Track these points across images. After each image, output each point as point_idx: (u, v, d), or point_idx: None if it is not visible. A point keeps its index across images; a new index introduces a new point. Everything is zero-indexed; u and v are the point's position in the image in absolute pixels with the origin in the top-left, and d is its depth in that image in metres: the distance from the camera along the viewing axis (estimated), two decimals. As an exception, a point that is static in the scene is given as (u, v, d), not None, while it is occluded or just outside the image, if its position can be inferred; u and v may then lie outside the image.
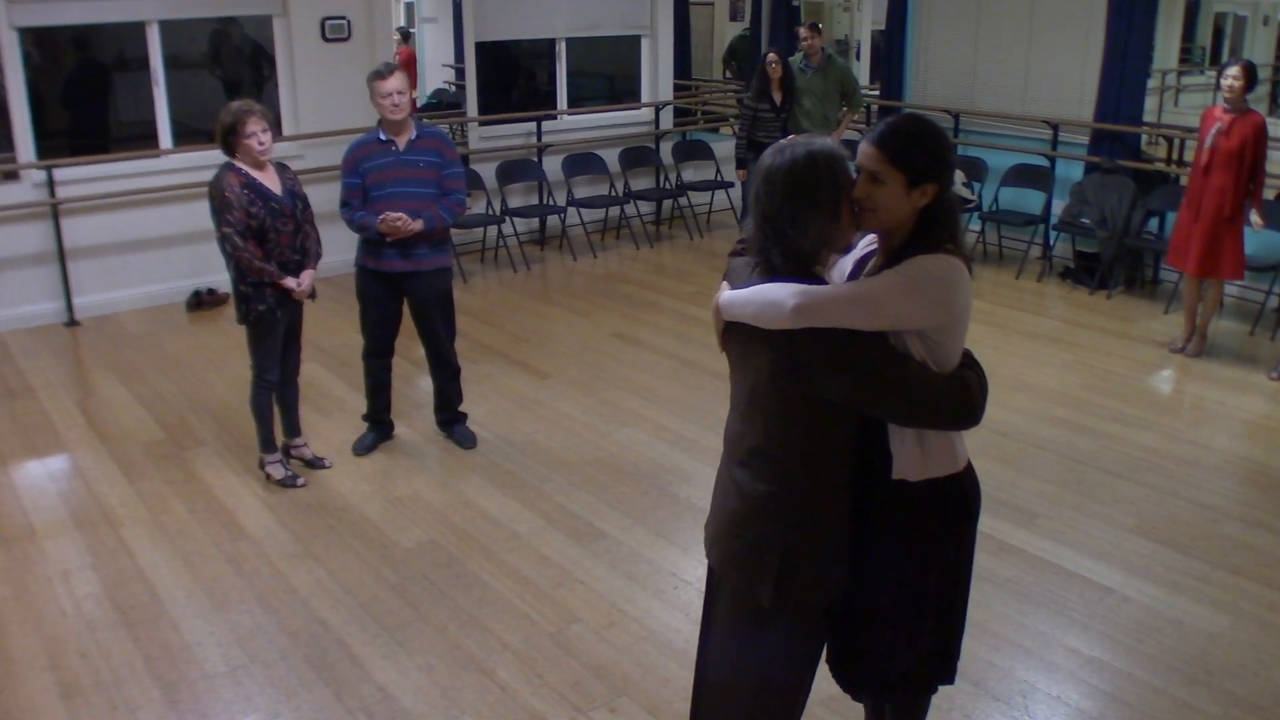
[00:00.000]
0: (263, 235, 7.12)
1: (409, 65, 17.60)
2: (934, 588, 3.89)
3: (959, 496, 3.88)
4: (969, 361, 3.76)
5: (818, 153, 3.57)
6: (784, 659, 3.93)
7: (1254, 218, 9.56)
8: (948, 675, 4.11)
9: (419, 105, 18.04)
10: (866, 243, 3.93)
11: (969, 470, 3.92)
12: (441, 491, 7.59)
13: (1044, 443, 8.22)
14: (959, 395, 3.61)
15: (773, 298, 3.54)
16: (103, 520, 7.22)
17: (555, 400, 9.11)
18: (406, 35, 17.77)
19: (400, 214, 7.44)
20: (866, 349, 3.53)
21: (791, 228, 3.57)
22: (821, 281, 3.67)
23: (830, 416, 3.66)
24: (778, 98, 12.75)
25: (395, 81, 7.43)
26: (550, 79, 14.86)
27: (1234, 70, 9.39)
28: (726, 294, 3.74)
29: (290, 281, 7.26)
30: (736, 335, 3.77)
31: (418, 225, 7.50)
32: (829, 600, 3.86)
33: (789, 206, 3.55)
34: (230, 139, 7.08)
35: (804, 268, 3.64)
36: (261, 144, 7.09)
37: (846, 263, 3.95)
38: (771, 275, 3.64)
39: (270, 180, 7.21)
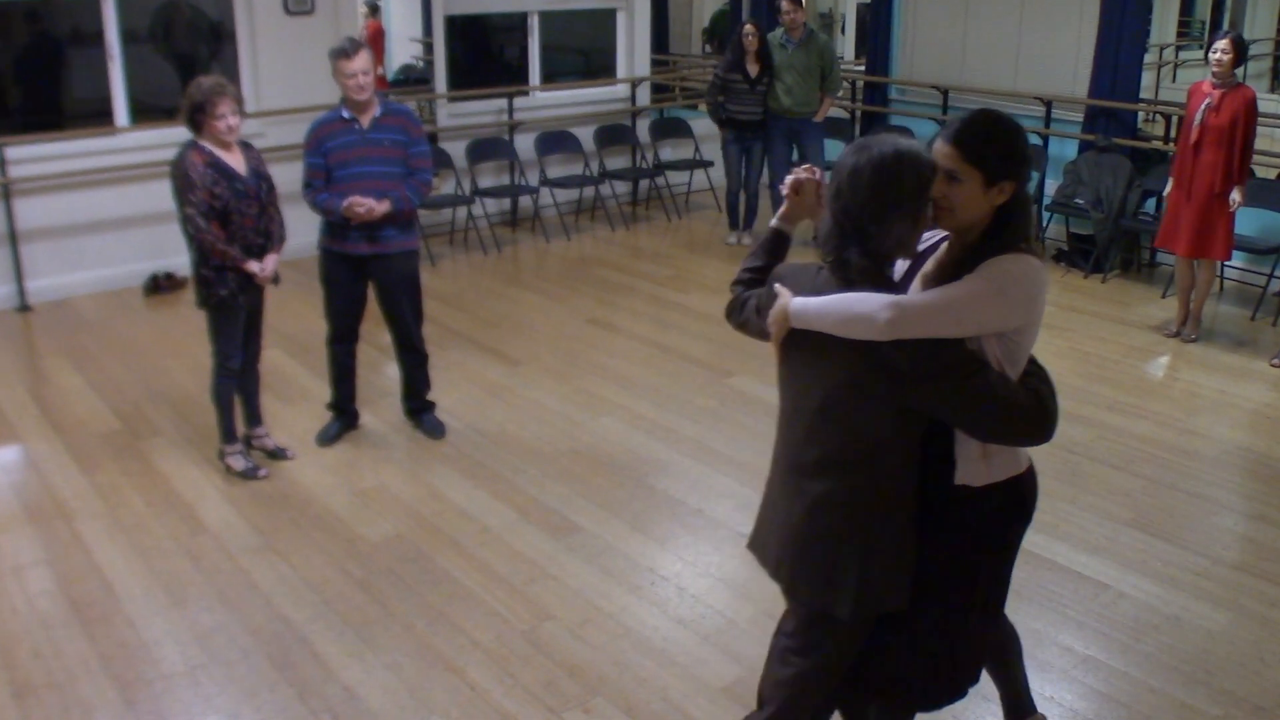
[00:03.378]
0: (226, 217, 7.09)
1: (377, 40, 17.54)
2: (982, 587, 4.04)
3: (1017, 498, 3.99)
4: (1035, 369, 3.85)
5: (905, 152, 3.66)
6: (843, 656, 4.08)
7: (1234, 196, 9.59)
8: (974, 677, 4.27)
9: (387, 81, 18.02)
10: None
11: (1030, 471, 4.06)
12: (409, 483, 7.58)
13: (1036, 432, 8.20)
14: (1035, 412, 3.69)
15: (862, 310, 3.59)
16: (57, 514, 7.18)
17: (527, 388, 9.10)
18: (374, 9, 17.72)
19: (367, 200, 7.43)
20: (951, 356, 3.62)
21: (874, 225, 3.64)
22: (894, 285, 3.81)
23: (905, 423, 3.75)
24: (752, 70, 12.71)
25: (360, 61, 7.39)
26: (522, 54, 14.82)
27: (1223, 44, 9.45)
28: (799, 302, 3.76)
29: (253, 265, 7.23)
30: (805, 343, 3.81)
31: (384, 208, 7.48)
32: (897, 606, 3.93)
33: (874, 204, 3.62)
34: (198, 117, 7.02)
35: (879, 270, 3.76)
36: (230, 126, 7.05)
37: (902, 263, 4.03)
38: (847, 280, 3.71)
39: (235, 160, 7.17)
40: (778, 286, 3.89)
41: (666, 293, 11.53)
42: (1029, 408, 3.67)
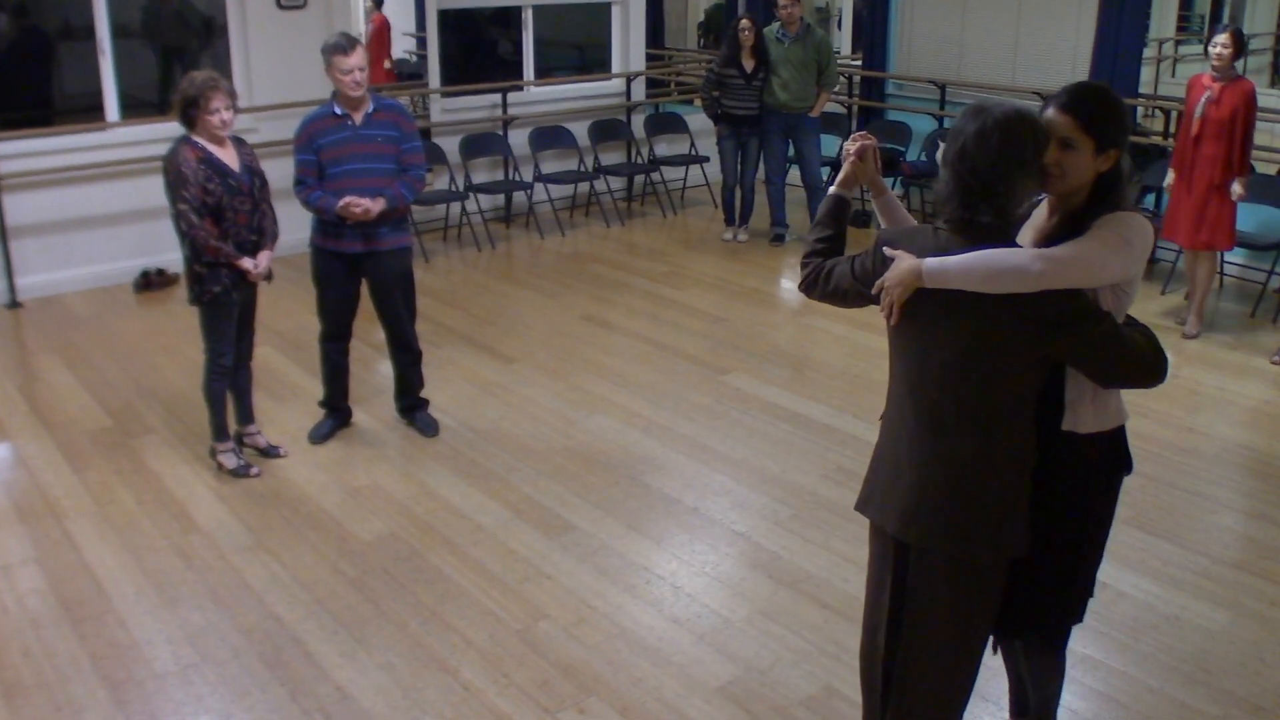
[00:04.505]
0: (219, 213, 7.08)
1: (383, 33, 17.52)
2: (1093, 536, 4.31)
3: (1120, 447, 4.24)
4: (1131, 319, 4.07)
5: (1025, 114, 3.85)
6: (994, 606, 4.25)
7: (1236, 187, 9.67)
8: (1080, 616, 4.49)
9: (395, 74, 18.01)
10: None
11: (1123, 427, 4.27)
12: (402, 481, 7.57)
13: (1034, 430, 8.20)
14: (1154, 354, 3.95)
15: (1013, 264, 3.75)
16: (47, 512, 7.18)
17: (521, 386, 9.09)
18: (379, 1, 17.69)
19: (363, 201, 7.41)
20: (1084, 305, 3.84)
21: (1003, 184, 3.80)
22: (1015, 243, 3.94)
23: (1034, 374, 3.94)
24: (748, 65, 12.70)
25: (357, 57, 7.38)
26: (516, 48, 14.80)
27: (1222, 38, 9.57)
28: (934, 261, 3.87)
29: (247, 262, 7.22)
30: (931, 303, 3.92)
31: (379, 207, 7.47)
32: (1023, 550, 4.12)
33: (1002, 164, 3.78)
34: (191, 112, 7.01)
35: (1006, 229, 3.93)
36: (223, 121, 7.04)
37: None
38: (973, 239, 3.85)
39: (228, 156, 7.16)
40: (890, 250, 4.01)
41: (662, 289, 11.53)
42: (1149, 351, 3.93)
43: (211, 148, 7.07)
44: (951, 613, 4.17)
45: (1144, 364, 3.93)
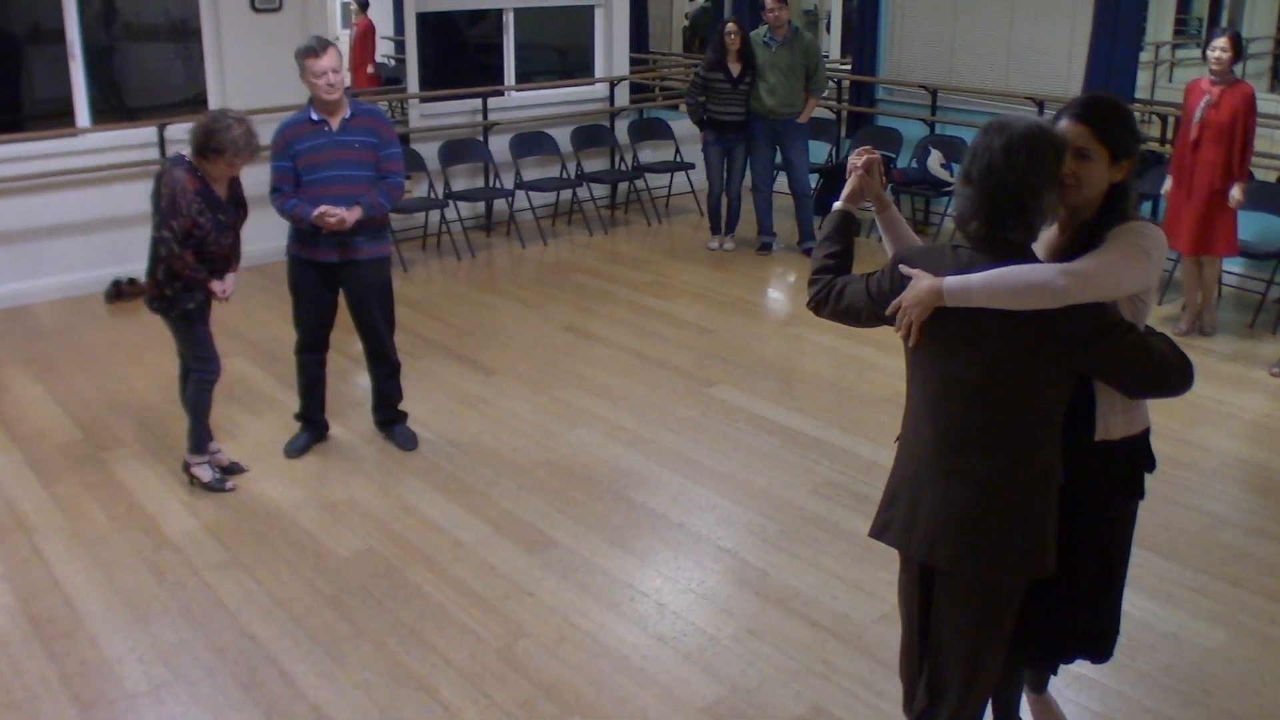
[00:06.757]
0: (201, 246, 7.09)
1: (367, 36, 17.57)
2: (1124, 540, 4.49)
3: (1147, 450, 4.36)
4: (1148, 327, 4.11)
5: (1046, 127, 3.93)
6: (1010, 628, 4.27)
7: (1235, 193, 9.74)
8: (1117, 628, 4.75)
9: (379, 79, 18.03)
10: None
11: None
12: (380, 496, 7.57)
13: (1028, 443, 8.19)
14: (1181, 361, 3.99)
15: (1039, 279, 3.77)
16: (15, 527, 7.16)
17: (502, 398, 9.09)
18: (364, 4, 17.71)
19: (338, 211, 7.40)
20: (1110, 317, 3.88)
21: (1032, 199, 3.82)
22: (1036, 259, 3.98)
23: (1061, 387, 3.97)
24: (735, 69, 12.70)
25: (329, 59, 7.36)
26: (497, 52, 14.82)
27: (1221, 42, 9.67)
28: (955, 280, 3.89)
29: (216, 286, 7.24)
30: (953, 322, 3.94)
31: (355, 216, 7.47)
32: (1050, 570, 4.15)
33: (1031, 178, 3.81)
34: (211, 146, 6.94)
35: (1030, 243, 3.99)
36: (233, 170, 7.09)
37: None
38: (1000, 255, 3.88)
39: (220, 187, 7.16)
40: (906, 269, 4.02)
41: (646, 299, 11.55)
42: (1174, 358, 3.97)
43: (209, 181, 7.07)
44: (967, 635, 4.20)
45: (1171, 372, 3.96)
